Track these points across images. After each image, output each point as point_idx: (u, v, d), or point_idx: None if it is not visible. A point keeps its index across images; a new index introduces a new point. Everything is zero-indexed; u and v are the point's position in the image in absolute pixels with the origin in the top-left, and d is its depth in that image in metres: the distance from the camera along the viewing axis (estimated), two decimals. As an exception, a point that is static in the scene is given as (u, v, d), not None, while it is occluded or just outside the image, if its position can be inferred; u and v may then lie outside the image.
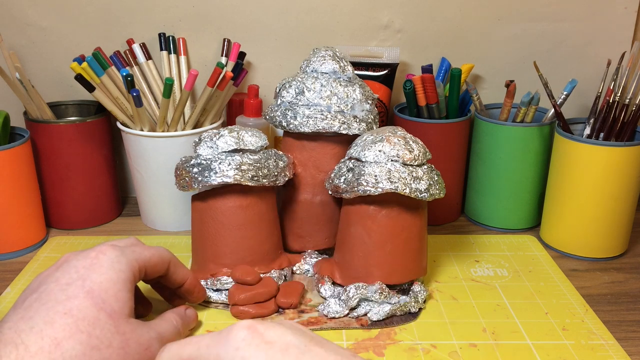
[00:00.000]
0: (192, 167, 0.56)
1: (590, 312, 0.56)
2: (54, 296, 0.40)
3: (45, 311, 0.39)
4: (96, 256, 0.44)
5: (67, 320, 0.39)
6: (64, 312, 0.39)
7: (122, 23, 0.75)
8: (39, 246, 0.68)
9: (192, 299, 0.54)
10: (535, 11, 0.76)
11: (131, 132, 0.68)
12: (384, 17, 0.76)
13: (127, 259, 0.44)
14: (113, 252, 0.44)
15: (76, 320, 0.39)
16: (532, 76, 0.69)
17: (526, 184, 0.71)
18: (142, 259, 0.46)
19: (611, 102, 0.65)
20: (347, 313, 0.54)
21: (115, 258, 0.44)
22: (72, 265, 0.43)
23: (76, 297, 0.40)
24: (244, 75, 0.72)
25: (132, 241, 0.50)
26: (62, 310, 0.39)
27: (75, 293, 0.41)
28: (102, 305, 0.41)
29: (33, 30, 0.74)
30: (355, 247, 0.56)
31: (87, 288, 0.41)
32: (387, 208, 0.55)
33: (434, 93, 0.69)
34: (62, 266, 0.43)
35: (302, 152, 0.62)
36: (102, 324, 0.40)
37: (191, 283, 0.53)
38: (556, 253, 0.68)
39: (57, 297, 0.40)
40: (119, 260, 0.44)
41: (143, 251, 0.47)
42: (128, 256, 0.45)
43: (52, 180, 0.70)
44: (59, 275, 0.42)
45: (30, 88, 0.67)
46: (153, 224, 0.73)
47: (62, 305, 0.40)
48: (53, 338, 0.38)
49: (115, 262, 0.43)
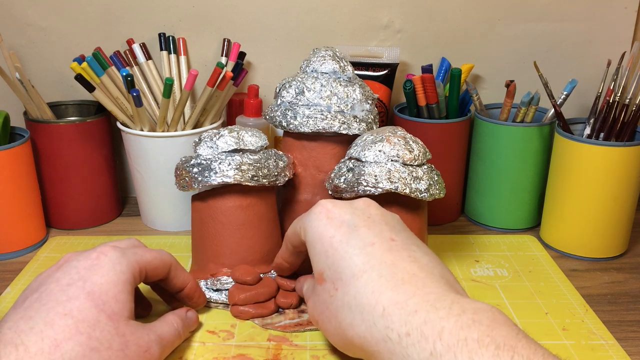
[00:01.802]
0: (192, 167, 0.56)
1: (590, 312, 0.56)
2: (55, 297, 0.40)
3: (46, 312, 0.39)
4: (97, 257, 0.44)
5: (67, 321, 0.39)
6: (64, 313, 0.39)
7: (122, 23, 0.75)
8: (39, 246, 0.68)
9: (191, 304, 0.53)
10: (536, 11, 0.76)
11: (131, 132, 0.68)
12: (384, 17, 0.76)
13: (128, 261, 0.44)
14: (114, 254, 0.44)
15: (76, 321, 0.39)
16: (532, 76, 0.69)
17: (526, 184, 0.71)
18: (143, 261, 0.46)
19: (611, 102, 0.65)
20: None
21: (117, 259, 0.44)
22: (72, 266, 0.43)
23: (77, 298, 0.40)
24: (244, 75, 0.72)
25: (133, 242, 0.50)
26: (63, 311, 0.39)
27: (76, 294, 0.41)
28: (102, 306, 0.41)
29: (33, 30, 0.74)
30: (355, 247, 0.56)
31: (87, 289, 0.41)
32: (387, 208, 0.55)
33: (434, 93, 0.69)
34: (63, 267, 0.43)
35: (302, 152, 0.62)
36: (102, 325, 0.40)
37: (191, 288, 0.53)
38: (556, 253, 0.68)
39: (58, 298, 0.40)
40: (120, 261, 0.44)
41: (144, 253, 0.47)
42: (129, 258, 0.45)
43: (52, 180, 0.70)
44: (60, 275, 0.42)
45: (30, 88, 0.67)
46: (153, 224, 0.73)
47: (63, 306, 0.40)
48: (53, 339, 0.38)
49: (116, 263, 0.43)
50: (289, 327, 0.53)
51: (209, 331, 0.52)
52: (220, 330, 0.53)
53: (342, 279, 0.40)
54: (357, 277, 0.39)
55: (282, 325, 0.53)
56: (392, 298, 0.37)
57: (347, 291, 0.39)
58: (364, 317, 0.38)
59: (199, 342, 0.51)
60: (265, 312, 0.54)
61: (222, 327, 0.53)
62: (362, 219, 0.43)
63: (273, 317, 0.54)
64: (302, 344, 0.51)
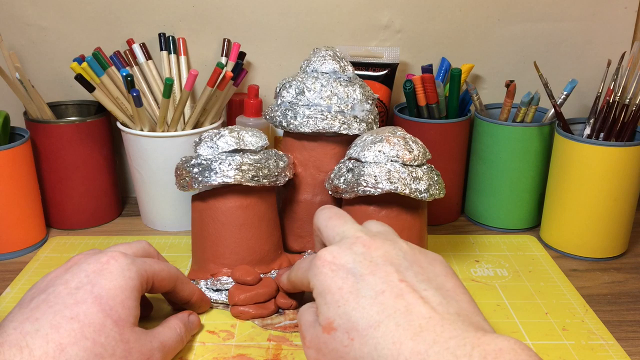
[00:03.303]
0: (193, 167, 0.56)
1: (590, 312, 0.56)
2: (62, 299, 0.40)
3: (53, 314, 0.39)
4: (107, 261, 0.43)
5: (74, 325, 0.39)
6: (70, 316, 0.39)
7: (122, 23, 0.75)
8: (39, 246, 0.68)
9: (196, 311, 0.54)
10: (535, 11, 0.76)
11: (131, 132, 0.68)
12: (384, 17, 0.76)
13: (137, 268, 0.44)
14: (124, 260, 0.44)
15: (82, 326, 0.39)
16: (532, 76, 0.69)
17: (526, 184, 0.71)
18: (152, 271, 0.46)
19: (611, 102, 0.65)
20: None
21: (126, 266, 0.44)
22: (82, 269, 0.43)
23: (84, 302, 0.40)
24: (244, 75, 0.72)
25: (144, 245, 0.50)
26: (69, 315, 0.39)
27: (84, 298, 0.41)
28: (109, 311, 0.41)
29: (33, 31, 0.74)
30: (355, 247, 0.56)
31: (95, 293, 0.41)
32: (386, 208, 0.55)
33: (434, 93, 0.69)
34: (72, 269, 0.43)
35: (303, 152, 0.62)
36: (108, 331, 0.40)
37: (197, 299, 0.53)
38: (556, 253, 0.68)
39: (65, 301, 0.40)
40: (129, 268, 0.44)
41: (153, 264, 0.47)
42: (138, 266, 0.45)
43: (52, 180, 0.70)
44: (69, 277, 0.42)
45: (30, 88, 0.67)
46: (153, 224, 0.73)
47: (70, 309, 0.40)
48: (58, 343, 0.38)
49: (125, 269, 0.43)
50: (289, 327, 0.53)
51: (209, 331, 0.52)
52: (220, 330, 0.53)
53: (357, 330, 0.39)
54: (374, 327, 0.38)
55: (282, 326, 0.53)
56: (413, 348, 0.36)
57: (365, 342, 0.38)
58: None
59: (199, 342, 0.51)
60: (265, 312, 0.54)
61: (222, 327, 0.53)
62: (365, 265, 0.41)
63: (273, 318, 0.54)
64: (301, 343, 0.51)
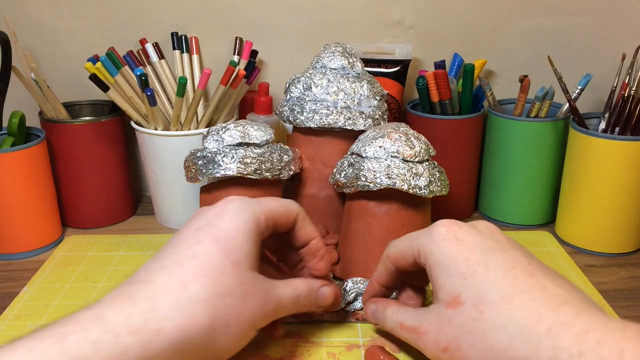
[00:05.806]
0: (198, 160, 0.57)
1: (608, 308, 0.55)
2: (184, 240, 0.41)
3: (176, 254, 0.40)
4: (224, 204, 0.43)
5: (195, 263, 0.39)
6: (191, 255, 0.40)
7: (135, 23, 0.75)
8: (55, 245, 0.69)
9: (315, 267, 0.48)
10: (549, 5, 0.76)
11: (145, 131, 0.69)
12: (396, 13, 0.76)
13: (252, 210, 0.43)
14: (238, 202, 0.44)
15: (203, 263, 0.39)
16: (546, 71, 0.69)
17: (541, 179, 0.70)
18: (268, 209, 0.45)
19: (626, 96, 0.64)
20: (343, 307, 0.54)
21: (240, 207, 0.43)
22: (203, 213, 0.43)
23: (204, 242, 0.41)
24: (256, 73, 0.73)
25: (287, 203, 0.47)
26: (190, 254, 0.40)
27: (204, 238, 0.41)
28: (227, 252, 0.41)
29: (48, 31, 0.75)
30: (356, 242, 0.56)
31: (214, 234, 0.41)
32: (387, 204, 0.55)
33: (447, 89, 0.69)
34: (196, 215, 0.44)
35: (310, 147, 0.63)
36: (227, 271, 0.40)
37: (317, 244, 0.48)
38: (572, 249, 0.67)
39: (187, 241, 0.41)
40: (243, 209, 0.43)
41: (269, 202, 0.45)
42: (253, 207, 0.44)
43: (68, 179, 0.71)
44: (192, 222, 0.43)
45: (45, 88, 0.68)
46: (167, 222, 0.73)
47: (191, 249, 0.40)
48: (181, 280, 0.38)
49: (240, 211, 0.43)
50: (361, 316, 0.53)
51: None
52: (236, 327, 0.53)
53: (488, 302, 0.38)
54: (508, 300, 0.37)
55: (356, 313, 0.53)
56: (555, 318, 0.35)
57: (498, 314, 0.37)
58: (525, 337, 0.36)
59: (215, 339, 0.51)
60: None
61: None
62: (492, 242, 0.41)
63: None
64: (318, 340, 0.51)
